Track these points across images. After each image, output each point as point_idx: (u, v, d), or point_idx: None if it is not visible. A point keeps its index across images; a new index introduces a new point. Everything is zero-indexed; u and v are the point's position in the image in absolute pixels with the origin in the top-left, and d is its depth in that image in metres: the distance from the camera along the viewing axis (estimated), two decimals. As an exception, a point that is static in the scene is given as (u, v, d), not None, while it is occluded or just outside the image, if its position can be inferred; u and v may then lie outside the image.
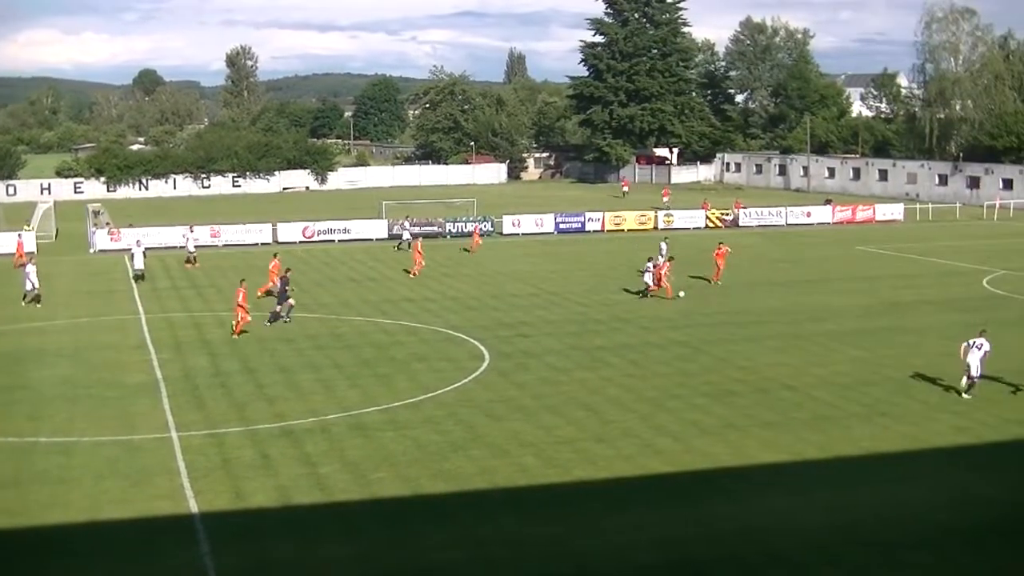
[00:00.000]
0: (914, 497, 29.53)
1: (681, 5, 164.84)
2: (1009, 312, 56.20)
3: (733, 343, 48.59)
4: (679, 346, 47.94)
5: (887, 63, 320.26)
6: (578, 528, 27.39)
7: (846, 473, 31.82)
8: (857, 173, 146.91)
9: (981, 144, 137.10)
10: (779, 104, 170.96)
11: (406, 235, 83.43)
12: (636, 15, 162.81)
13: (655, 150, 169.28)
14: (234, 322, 50.82)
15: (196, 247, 76.64)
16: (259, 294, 59.32)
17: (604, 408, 38.03)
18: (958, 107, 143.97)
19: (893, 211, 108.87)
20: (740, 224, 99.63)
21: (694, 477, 31.19)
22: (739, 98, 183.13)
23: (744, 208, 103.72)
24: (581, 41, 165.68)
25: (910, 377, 42.45)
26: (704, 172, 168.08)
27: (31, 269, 59.07)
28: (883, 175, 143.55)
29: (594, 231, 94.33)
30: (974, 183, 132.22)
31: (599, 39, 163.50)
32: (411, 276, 68.64)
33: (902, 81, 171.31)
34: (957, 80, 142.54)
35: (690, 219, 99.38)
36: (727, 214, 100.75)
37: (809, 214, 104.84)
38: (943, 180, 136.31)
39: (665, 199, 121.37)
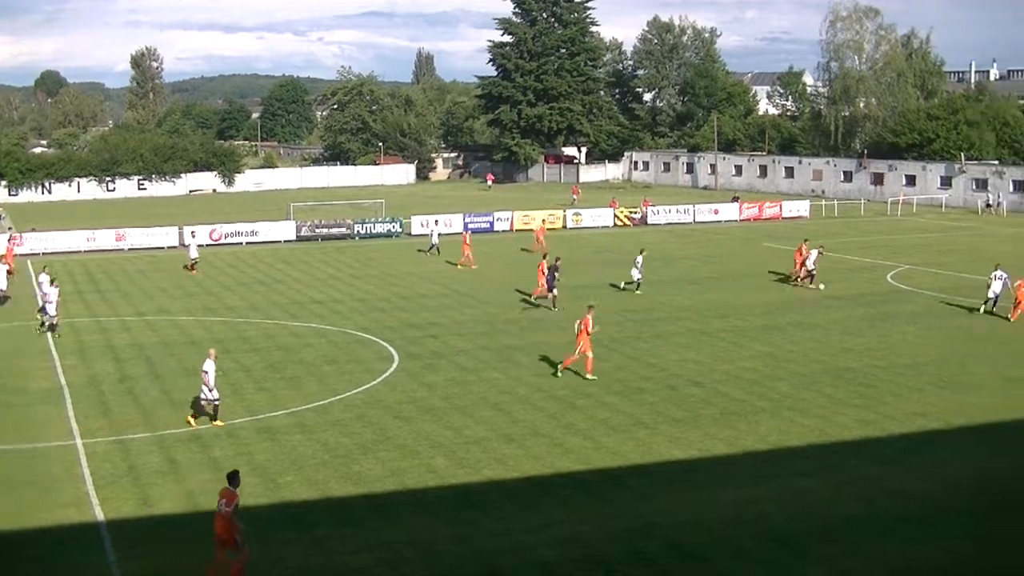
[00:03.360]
0: (821, 490, 29.83)
1: (589, 5, 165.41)
2: (912, 306, 56.99)
3: (642, 341, 48.82)
4: (588, 344, 48.07)
5: (792, 61, 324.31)
6: (487, 528, 27.37)
7: (754, 468, 32.04)
8: (764, 170, 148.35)
9: (885, 141, 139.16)
10: (687, 102, 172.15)
11: (435, 238, 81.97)
12: (544, 15, 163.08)
13: (564, 149, 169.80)
14: (587, 356, 42.65)
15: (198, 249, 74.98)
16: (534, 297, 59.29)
17: (514, 407, 38.06)
18: (862, 105, 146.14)
19: (799, 208, 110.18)
20: (649, 222, 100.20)
21: (603, 475, 31.28)
22: (647, 97, 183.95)
23: (652, 206, 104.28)
24: (489, 41, 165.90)
25: (816, 371, 42.92)
26: (612, 171, 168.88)
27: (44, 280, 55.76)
28: (789, 172, 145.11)
29: (503, 231, 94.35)
30: (878, 179, 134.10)
31: (507, 39, 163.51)
32: (459, 266, 72.66)
33: (807, 79, 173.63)
34: (861, 78, 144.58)
35: (598, 218, 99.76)
36: (635, 212, 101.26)
37: (717, 211, 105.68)
38: (848, 177, 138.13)
39: (574, 197, 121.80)
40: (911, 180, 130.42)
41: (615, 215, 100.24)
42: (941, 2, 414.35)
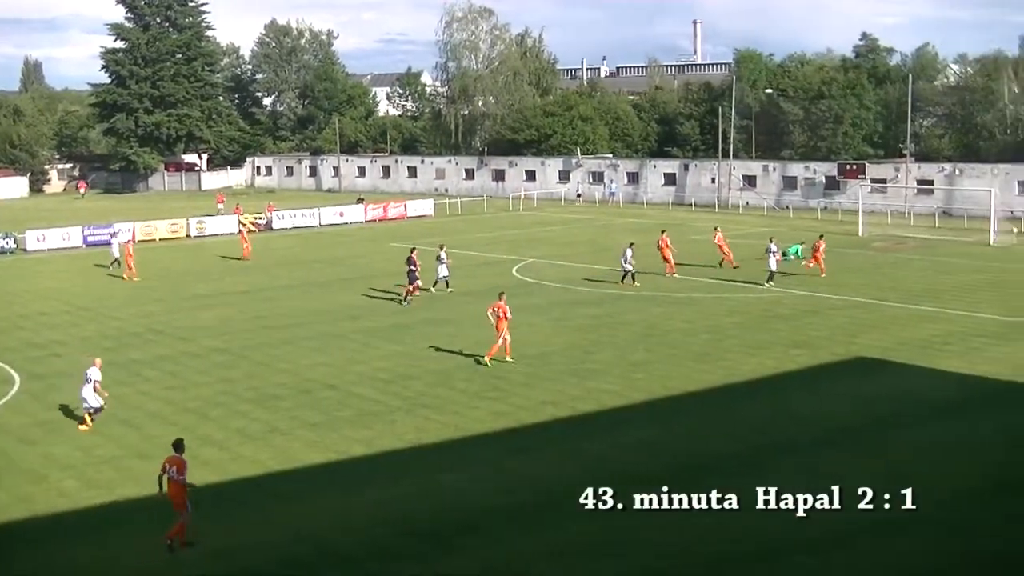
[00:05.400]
0: (460, 484, 30.24)
1: (204, 8, 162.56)
2: (536, 298, 58.56)
3: (273, 347, 48.31)
4: (219, 354, 47.26)
5: (411, 62, 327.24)
6: (129, 549, 26.52)
7: (393, 466, 32.19)
8: (387, 171, 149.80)
9: (504, 138, 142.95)
10: (307, 106, 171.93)
11: (115, 251, 76.13)
12: (158, 19, 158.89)
13: (184, 156, 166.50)
14: (505, 339, 44.07)
15: None
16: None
17: (145, 423, 36.98)
18: (481, 103, 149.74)
19: (424, 207, 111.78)
20: (274, 227, 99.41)
21: (243, 484, 30.80)
22: (267, 101, 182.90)
23: (277, 211, 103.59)
24: (102, 47, 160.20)
25: (449, 367, 43.50)
26: (235, 176, 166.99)
27: None
28: (412, 172, 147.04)
29: (125, 242, 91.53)
30: (499, 176, 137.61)
31: (121, 45, 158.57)
32: (126, 279, 69.72)
33: (426, 79, 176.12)
34: (478, 77, 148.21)
35: (223, 225, 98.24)
36: (260, 218, 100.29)
37: (342, 214, 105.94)
38: (470, 174, 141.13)
39: (220, 206, 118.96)
40: (531, 175, 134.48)
41: (240, 222, 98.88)
42: (552, 2, 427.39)
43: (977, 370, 41.92)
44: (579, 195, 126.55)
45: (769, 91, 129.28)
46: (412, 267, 58.23)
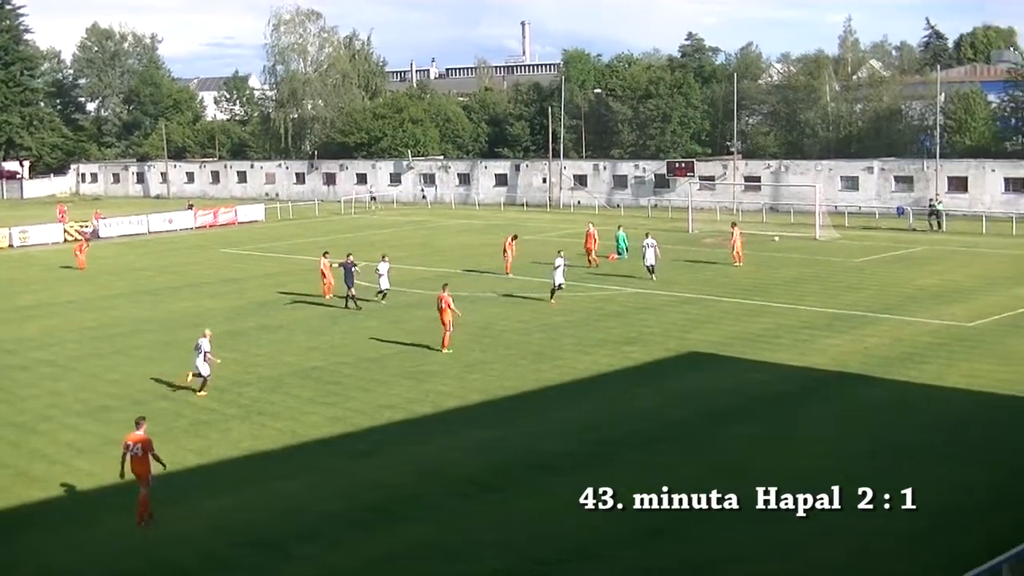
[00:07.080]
0: (299, 490, 29.90)
1: (21, 11, 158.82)
2: (371, 302, 58.27)
3: (102, 357, 47.22)
4: (46, 365, 46.03)
5: (239, 66, 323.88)
6: (-50, 569, 25.74)
7: (229, 475, 31.70)
8: (216, 176, 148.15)
9: (334, 141, 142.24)
10: (133, 111, 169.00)
11: None
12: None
13: (4, 164, 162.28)
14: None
15: None
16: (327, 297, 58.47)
17: (-29, 438, 35.92)
18: (310, 107, 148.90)
19: (255, 212, 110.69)
20: (101, 235, 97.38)
21: (76, 498, 30.00)
22: (91, 106, 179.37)
23: (104, 219, 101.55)
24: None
25: (283, 373, 43.07)
26: (60, 184, 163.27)
27: None
28: (242, 177, 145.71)
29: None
30: (330, 179, 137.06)
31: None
32: None
33: (254, 83, 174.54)
34: (307, 81, 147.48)
35: (48, 234, 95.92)
36: (86, 226, 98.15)
37: (171, 220, 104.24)
38: (301, 178, 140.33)
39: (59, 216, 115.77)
40: (362, 178, 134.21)
41: (65, 230, 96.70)
42: (380, 4, 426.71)
43: (806, 361, 42.89)
44: (373, 198, 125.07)
45: (598, 91, 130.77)
46: (349, 271, 56.93)
